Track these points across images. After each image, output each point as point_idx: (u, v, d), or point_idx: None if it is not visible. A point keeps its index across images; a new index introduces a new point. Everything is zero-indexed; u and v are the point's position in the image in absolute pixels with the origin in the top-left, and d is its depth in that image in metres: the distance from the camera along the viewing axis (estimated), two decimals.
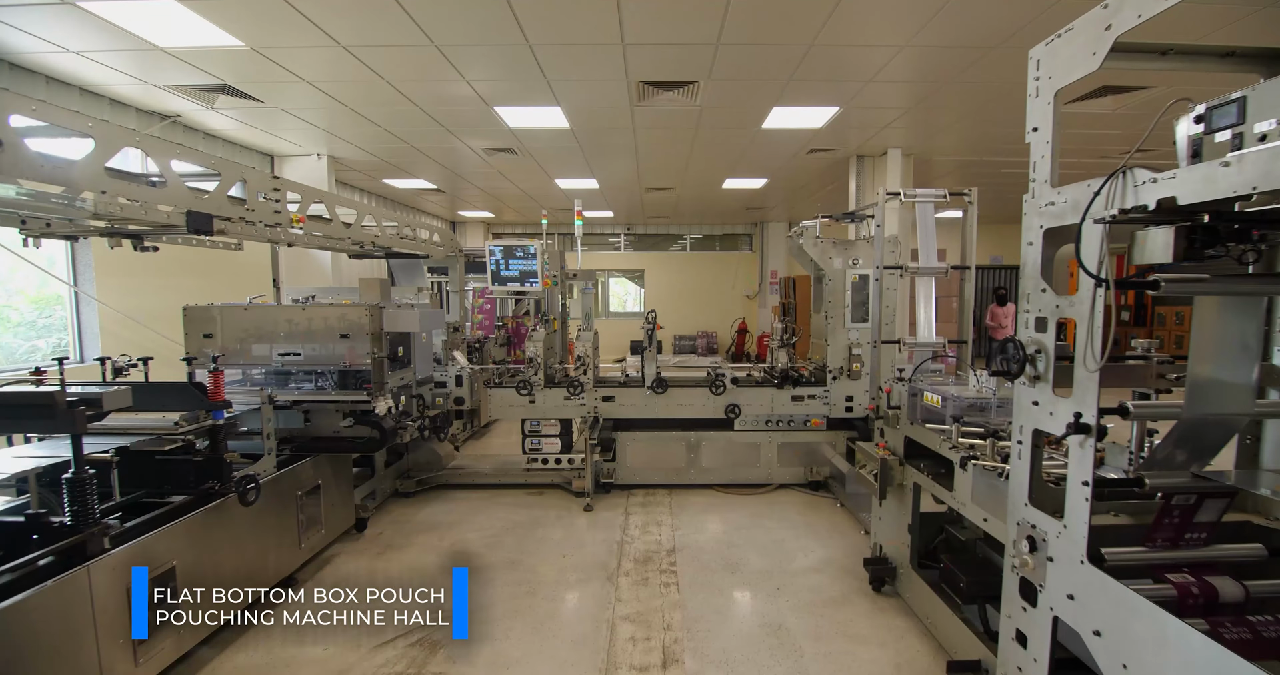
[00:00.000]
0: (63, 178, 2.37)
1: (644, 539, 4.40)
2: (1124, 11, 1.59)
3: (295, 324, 3.69)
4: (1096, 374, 1.70)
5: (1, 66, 4.98)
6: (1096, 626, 1.72)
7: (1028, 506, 2.01)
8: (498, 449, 6.99)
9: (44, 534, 2.33)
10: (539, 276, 5.32)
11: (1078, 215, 1.73)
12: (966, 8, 4.05)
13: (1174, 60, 1.83)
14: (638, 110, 6.21)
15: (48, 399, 2.28)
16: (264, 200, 3.46)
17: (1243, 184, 1.31)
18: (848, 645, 3.07)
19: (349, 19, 4.23)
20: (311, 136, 7.47)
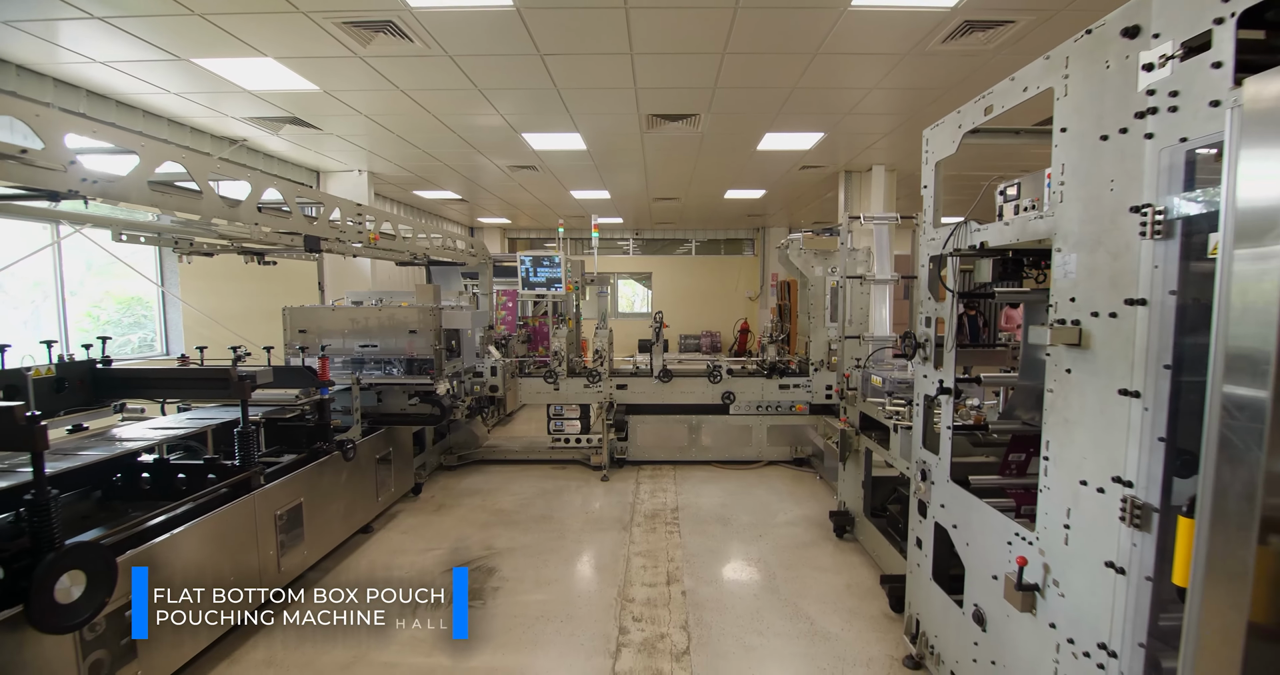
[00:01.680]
0: (238, 215, 3.28)
1: (652, 501, 5.28)
2: (965, 121, 2.46)
3: (373, 321, 4.60)
4: (954, 353, 2.56)
5: (109, 103, 5.91)
6: (955, 522, 2.58)
7: (921, 449, 2.88)
8: (521, 433, 7.88)
9: (219, 473, 3.23)
10: (562, 282, 6.20)
11: (945, 248, 2.59)
12: (920, 64, 4.92)
13: (1004, 137, 2.70)
14: (647, 136, 7.09)
15: (225, 374, 3.18)
16: (351, 224, 4.36)
17: (1012, 236, 2.17)
18: (811, 572, 3.94)
19: (410, 70, 5.13)
20: (355, 155, 8.39)
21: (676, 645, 3.13)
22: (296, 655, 3.06)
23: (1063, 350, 1.88)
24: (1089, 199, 1.78)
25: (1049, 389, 1.97)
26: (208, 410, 3.84)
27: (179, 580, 2.73)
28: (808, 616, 3.42)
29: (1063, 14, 4.11)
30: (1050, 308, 1.95)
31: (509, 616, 3.41)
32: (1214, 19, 1.38)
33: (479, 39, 4.50)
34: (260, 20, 4.21)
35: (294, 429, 3.86)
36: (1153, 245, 1.54)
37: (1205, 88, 1.40)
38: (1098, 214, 1.75)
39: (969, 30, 4.36)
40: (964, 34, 4.42)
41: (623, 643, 3.15)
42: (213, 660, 2.99)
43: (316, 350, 4.31)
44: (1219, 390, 1.24)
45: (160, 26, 4.32)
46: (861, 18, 4.17)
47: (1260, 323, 1.15)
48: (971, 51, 4.71)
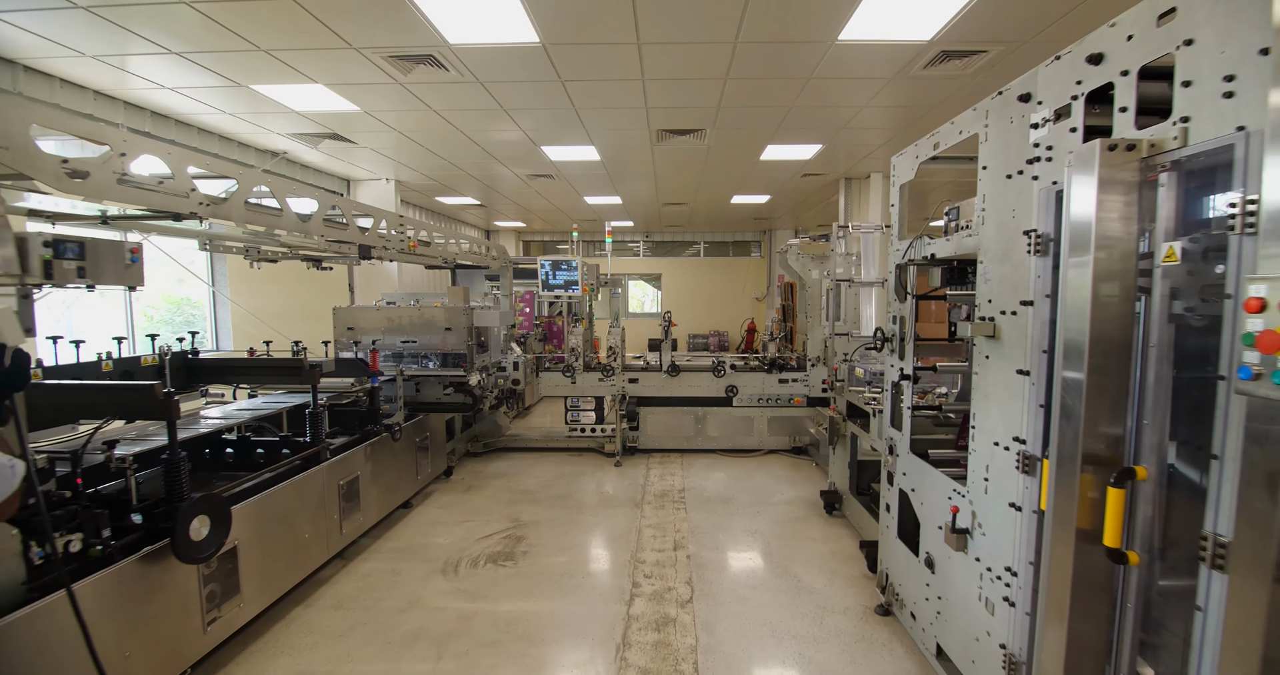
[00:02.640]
0: (308, 228, 3.84)
1: (661, 483, 5.81)
2: (921, 152, 2.97)
3: (412, 320, 5.16)
4: (912, 346, 3.07)
5: (169, 122, 6.53)
6: (913, 486, 3.09)
7: (890, 427, 3.38)
8: (539, 425, 8.42)
9: (292, 448, 3.79)
10: (579, 284, 6.74)
11: (904, 258, 3.10)
12: (905, 85, 5.41)
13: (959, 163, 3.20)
14: (656, 148, 7.62)
15: (298, 363, 3.75)
16: (394, 233, 4.92)
17: (953, 250, 2.68)
18: (801, 542, 4.45)
19: (444, 94, 5.69)
20: (384, 165, 8.98)
21: (681, 596, 3.66)
22: (360, 600, 3.61)
23: (983, 341, 2.39)
24: (1000, 223, 2.29)
25: (975, 372, 2.48)
26: (274, 396, 4.41)
27: (269, 532, 3.29)
28: (795, 575, 3.93)
29: (1029, 44, 4.59)
30: (976, 307, 2.46)
31: (537, 574, 3.95)
32: (1071, 95, 1.89)
33: (507, 68, 5.05)
34: (317, 54, 4.78)
35: (349, 413, 4.42)
36: (1035, 260, 2.05)
37: (1066, 145, 1.91)
38: (1005, 235, 2.25)
39: (946, 59, 4.85)
40: (942, 62, 4.90)
41: (635, 594, 3.68)
42: (291, 604, 3.55)
43: (363, 345, 4.88)
44: (1060, 371, 1.76)
45: (228, 59, 4.90)
46: (848, 49, 4.67)
47: (1078, 317, 1.66)
48: (951, 76, 5.20)
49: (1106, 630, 1.75)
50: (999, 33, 4.42)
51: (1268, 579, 1.27)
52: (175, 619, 2.71)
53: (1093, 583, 1.72)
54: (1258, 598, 1.28)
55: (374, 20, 4.19)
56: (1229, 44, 1.38)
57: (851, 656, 3.08)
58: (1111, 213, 1.62)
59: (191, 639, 2.78)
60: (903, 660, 3.04)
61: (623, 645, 3.15)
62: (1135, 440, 1.68)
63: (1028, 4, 4.00)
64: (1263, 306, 1.20)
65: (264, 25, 4.28)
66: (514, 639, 3.21)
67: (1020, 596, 2.15)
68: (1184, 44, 1.50)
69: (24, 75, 5.10)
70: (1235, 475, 1.34)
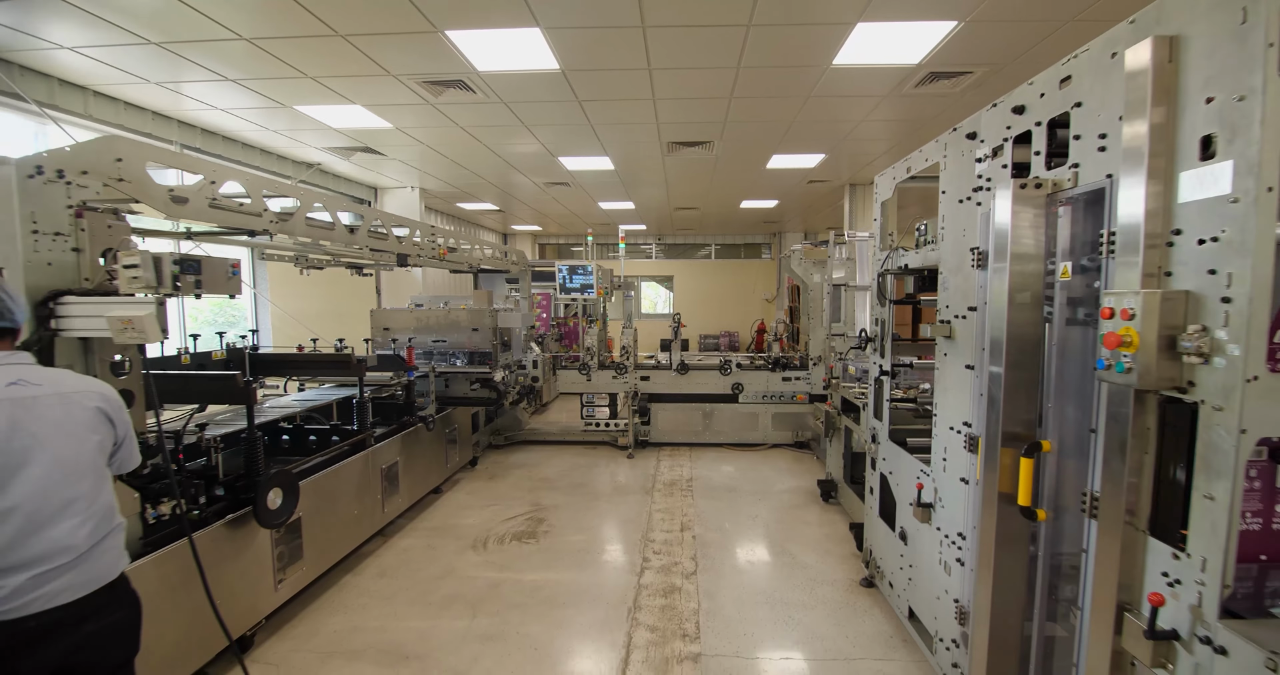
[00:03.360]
0: (356, 240, 4.31)
1: (670, 473, 6.23)
2: (898, 174, 3.37)
3: (442, 321, 5.63)
4: (891, 345, 3.46)
5: (216, 138, 7.07)
6: (891, 469, 3.48)
7: (873, 418, 3.78)
8: (555, 420, 8.88)
9: (341, 435, 4.27)
10: (594, 287, 7.18)
11: (883, 267, 3.49)
12: (899, 102, 5.79)
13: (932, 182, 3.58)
14: (668, 158, 8.05)
15: (346, 358, 4.23)
16: (426, 241, 5.40)
17: (921, 261, 3.08)
18: (798, 525, 4.85)
19: (470, 112, 6.16)
20: (410, 174, 9.49)
21: (686, 568, 4.08)
22: (401, 570, 4.07)
23: (942, 341, 2.79)
24: (954, 240, 2.69)
25: (936, 367, 2.87)
26: (321, 389, 4.90)
27: (325, 508, 3.77)
28: (791, 553, 4.33)
29: (1011, 66, 4.95)
30: (938, 312, 2.86)
31: (557, 550, 4.39)
32: (1003, 137, 2.29)
33: (530, 90, 5.50)
34: (358, 80, 5.26)
35: (387, 405, 4.90)
36: (978, 272, 2.44)
37: (999, 178, 2.31)
38: (958, 250, 2.65)
39: (935, 79, 5.22)
40: (932, 82, 5.28)
41: (645, 567, 4.11)
42: (341, 572, 4.03)
43: (400, 344, 5.36)
44: (986, 365, 2.16)
45: (277, 84, 5.40)
46: (842, 72, 5.06)
47: (998, 320, 2.07)
48: (941, 94, 5.57)
49: (1025, 573, 2.15)
50: (981, 57, 4.80)
51: (1119, 522, 1.66)
52: (253, 577, 3.18)
53: (1012, 535, 2.12)
54: (1114, 536, 1.68)
55: (412, 52, 4.66)
56: (1103, 109, 1.78)
57: (836, 620, 3.48)
58: (1024, 235, 2.02)
59: (265, 594, 3.26)
60: (881, 623, 3.44)
61: (634, 608, 3.58)
62: (1044, 420, 2.07)
63: (1005, 33, 4.37)
64: (1111, 314, 1.60)
65: (313, 56, 4.77)
66: (538, 602, 3.65)
67: (968, 556, 2.54)
68: (1075, 106, 1.90)
69: (93, 99, 5.65)
70: (1102, 444, 1.74)
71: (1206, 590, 1.45)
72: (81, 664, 1.74)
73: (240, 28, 4.29)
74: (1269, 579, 1.66)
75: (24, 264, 2.22)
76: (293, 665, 3.05)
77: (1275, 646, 1.31)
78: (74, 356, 2.38)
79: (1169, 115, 1.54)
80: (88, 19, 4.14)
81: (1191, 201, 1.48)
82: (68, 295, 2.26)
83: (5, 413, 1.60)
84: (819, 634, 3.34)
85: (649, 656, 3.11)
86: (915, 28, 4.28)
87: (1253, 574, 1.68)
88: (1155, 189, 1.56)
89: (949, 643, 2.70)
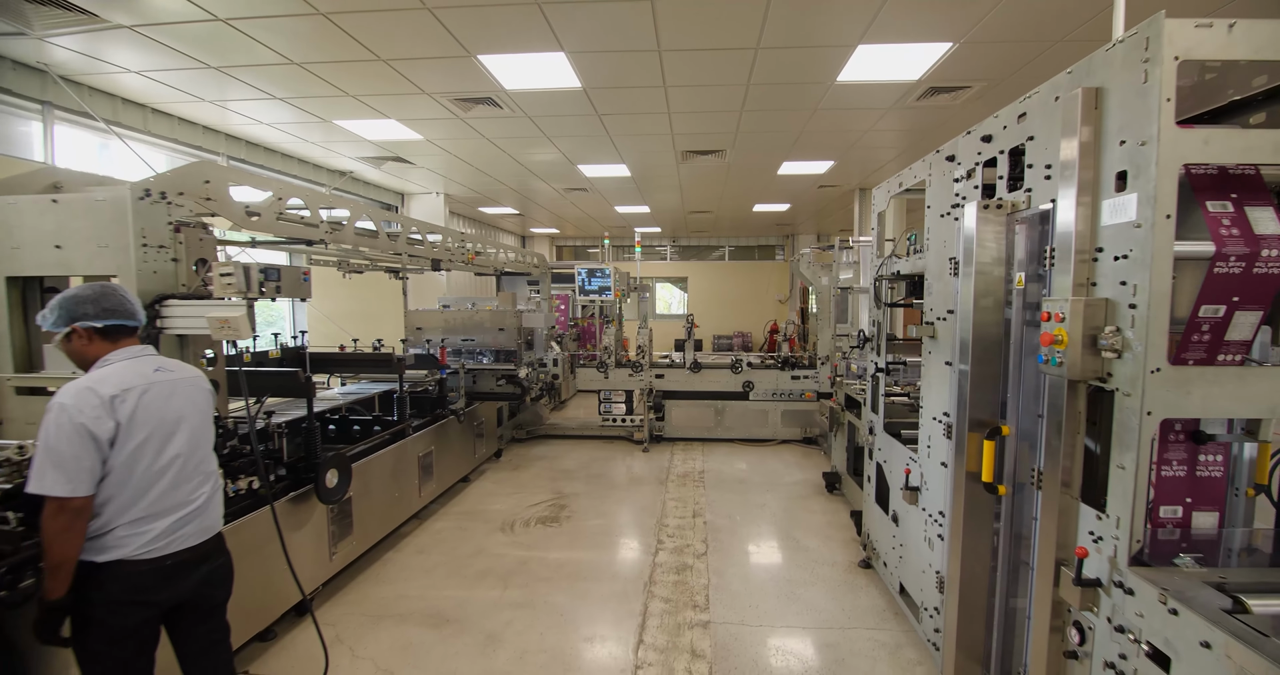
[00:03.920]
0: (397, 247, 4.72)
1: (683, 466, 6.58)
2: (891, 188, 3.69)
3: (470, 321, 6.03)
4: (885, 344, 3.78)
5: (259, 149, 7.54)
6: (885, 458, 3.80)
7: (870, 412, 4.09)
8: (573, 416, 9.26)
9: (382, 426, 4.67)
10: (611, 289, 7.55)
11: (878, 273, 3.81)
12: (902, 114, 6.08)
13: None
14: (682, 166, 8.39)
15: (388, 357, 4.63)
16: (457, 246, 5.80)
17: (912, 268, 3.39)
18: (803, 513, 5.18)
19: (496, 125, 6.56)
20: (434, 181, 9.93)
21: (697, 550, 4.43)
22: (437, 548, 4.47)
23: (927, 340, 3.11)
24: (937, 250, 3.01)
25: (923, 365, 3.19)
26: (361, 384, 5.31)
27: (371, 489, 4.17)
28: (794, 538, 4.66)
29: (1008, 80, 5.23)
30: (924, 314, 3.18)
31: (579, 532, 4.76)
32: (975, 162, 2.62)
33: (553, 106, 5.88)
34: (395, 98, 5.68)
35: (421, 399, 5.30)
36: (954, 279, 2.76)
37: (971, 197, 2.63)
38: (940, 259, 2.97)
39: (935, 93, 5.52)
40: (932, 96, 5.57)
41: (660, 548, 4.46)
42: (383, 549, 4.43)
43: (433, 343, 5.77)
44: (958, 362, 2.48)
45: (320, 102, 5.84)
46: (847, 87, 5.37)
47: (966, 321, 2.39)
48: (942, 106, 5.86)
49: (990, 542, 2.47)
50: (978, 73, 5.08)
51: (1057, 491, 1.99)
52: (311, 547, 3.58)
53: (979, 509, 2.44)
54: (1053, 503, 2.00)
55: (446, 74, 5.06)
56: (1049, 144, 2.10)
57: (834, 596, 3.80)
58: (987, 248, 2.35)
59: (321, 564, 3.66)
60: (875, 599, 3.76)
61: (649, 582, 3.94)
62: (1004, 408, 2.40)
63: (998, 53, 4.66)
64: (1048, 317, 1.92)
65: (355, 77, 5.19)
66: (563, 577, 4.02)
67: (947, 532, 2.86)
68: (1029, 139, 2.22)
69: (151, 116, 6.13)
70: (1046, 427, 2.06)
71: (1120, 544, 1.77)
72: (198, 599, 2.13)
73: (292, 54, 4.71)
74: (1181, 539, 1.98)
75: (136, 272, 2.63)
76: (348, 625, 3.45)
77: (1165, 586, 1.63)
78: (172, 351, 2.79)
79: (1095, 153, 1.86)
80: (155, 46, 4.58)
81: (1109, 225, 1.81)
82: (170, 299, 2.66)
83: (166, 388, 2.01)
84: (818, 607, 3.67)
85: (663, 623, 3.47)
86: (913, 48, 4.58)
87: (1174, 535, 2.00)
88: (1084, 213, 1.88)
89: (932, 611, 3.02)
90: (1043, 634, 2.05)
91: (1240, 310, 1.72)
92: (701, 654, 3.18)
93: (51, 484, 1.74)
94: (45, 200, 2.72)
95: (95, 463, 1.81)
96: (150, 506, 1.96)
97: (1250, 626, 1.44)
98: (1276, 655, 1.33)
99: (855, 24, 4.19)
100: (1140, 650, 1.68)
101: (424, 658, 3.15)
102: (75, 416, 1.79)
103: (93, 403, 1.83)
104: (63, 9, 3.99)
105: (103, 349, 2.02)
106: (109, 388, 1.88)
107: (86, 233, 2.67)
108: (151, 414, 1.96)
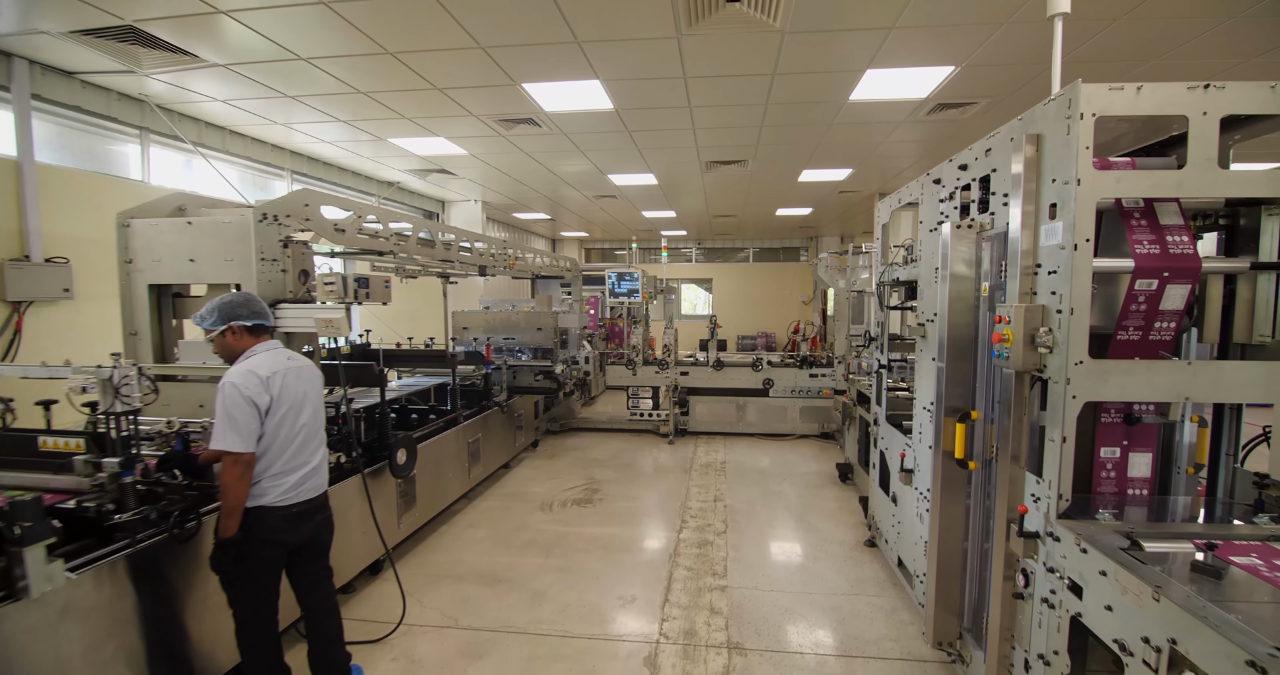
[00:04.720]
0: (450, 255, 5.30)
1: (707, 458, 7.05)
2: (893, 203, 4.12)
3: (510, 321, 6.61)
4: (888, 343, 4.22)
5: (318, 163, 8.24)
6: (887, 446, 4.23)
7: (875, 404, 4.52)
8: (603, 411, 9.80)
9: (437, 414, 5.25)
10: (639, 292, 8.06)
11: (880, 279, 4.25)
12: (913, 127, 6.47)
13: None
14: (706, 175, 8.87)
15: (442, 353, 5.21)
16: (500, 252, 6.37)
17: (908, 275, 3.82)
18: (816, 500, 5.61)
19: (534, 141, 7.12)
20: (473, 189, 10.57)
21: (718, 529, 4.91)
22: (485, 523, 5.03)
23: (919, 339, 3.54)
24: (927, 260, 3.44)
25: (916, 361, 3.63)
26: (415, 378, 5.91)
27: (430, 469, 4.75)
28: (807, 520, 5.11)
29: (1011, 97, 5.59)
30: (917, 316, 3.61)
31: (610, 512, 5.28)
32: (955, 186, 3.05)
33: (587, 124, 6.42)
34: (445, 119, 6.28)
35: (469, 392, 5.89)
36: (939, 285, 3.20)
37: (952, 216, 3.07)
38: (929, 268, 3.40)
39: (943, 109, 5.90)
40: (940, 111, 5.95)
41: (683, 527, 4.95)
42: (438, 523, 5.01)
43: (479, 341, 6.35)
44: (937, 360, 2.92)
45: (377, 123, 6.47)
46: (859, 105, 5.79)
47: (942, 323, 2.83)
48: (951, 120, 6.23)
49: (963, 511, 2.90)
50: (982, 91, 5.46)
51: (1009, 463, 2.42)
52: (384, 516, 4.16)
53: (953, 481, 2.88)
54: (1006, 473, 2.44)
55: (493, 99, 5.63)
56: (1005, 176, 2.54)
57: (839, 568, 4.25)
58: (960, 261, 2.79)
59: (391, 530, 4.24)
60: (877, 571, 4.19)
61: (674, 554, 4.43)
62: (974, 396, 2.83)
63: (999, 74, 5.04)
64: (1000, 319, 2.36)
65: (411, 103, 5.79)
66: (598, 548, 4.54)
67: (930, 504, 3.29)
68: (993, 170, 2.66)
69: (229, 137, 6.84)
70: (1001, 411, 2.50)
71: (1051, 502, 2.21)
72: (313, 542, 2.70)
73: (359, 84, 5.33)
74: (1102, 503, 2.40)
75: (256, 282, 3.22)
76: (414, 582, 4.02)
77: (1081, 533, 2.07)
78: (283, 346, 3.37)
79: (1036, 186, 2.30)
80: (239, 79, 5.23)
81: (1045, 246, 2.24)
82: (283, 303, 3.25)
83: (295, 373, 2.59)
84: (824, 577, 4.12)
85: (686, 586, 3.96)
86: (918, 71, 4.99)
87: (1107, 502, 2.42)
88: (1028, 235, 2.32)
89: (922, 577, 3.45)
90: (999, 582, 2.49)
91: (1170, 285, 2.14)
92: (719, 611, 3.66)
93: (231, 442, 2.31)
94: (181, 222, 3.34)
95: (258, 426, 2.39)
96: (286, 464, 2.53)
97: (1136, 558, 1.88)
98: (1147, 576, 1.76)
99: (863, 52, 4.62)
100: (1064, 584, 2.12)
101: (481, 608, 3.70)
102: (244, 391, 2.36)
103: (254, 382, 2.40)
104: (169, 51, 4.65)
105: (249, 343, 2.60)
106: (264, 370, 2.45)
107: (215, 249, 3.28)
108: (290, 392, 2.53)
